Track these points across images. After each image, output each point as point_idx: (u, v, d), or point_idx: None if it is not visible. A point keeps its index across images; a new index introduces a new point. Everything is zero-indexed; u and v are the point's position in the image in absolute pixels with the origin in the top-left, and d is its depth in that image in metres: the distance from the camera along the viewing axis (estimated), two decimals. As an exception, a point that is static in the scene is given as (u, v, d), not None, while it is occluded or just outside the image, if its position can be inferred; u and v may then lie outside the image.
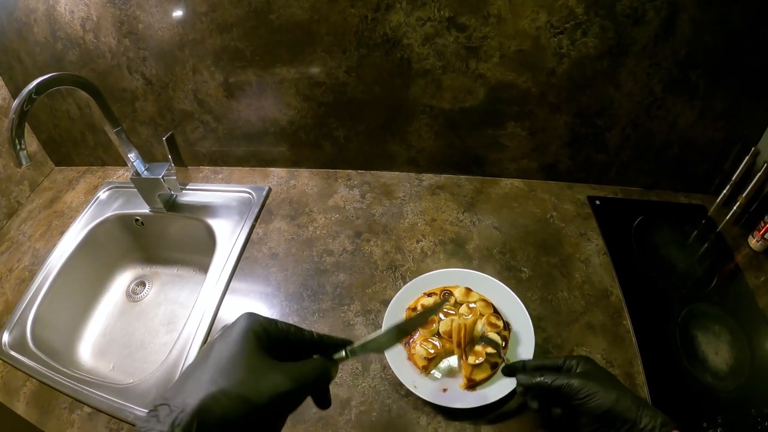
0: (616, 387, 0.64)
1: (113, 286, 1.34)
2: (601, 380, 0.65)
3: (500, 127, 1.13)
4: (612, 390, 0.63)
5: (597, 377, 0.66)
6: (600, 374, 0.67)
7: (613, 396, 0.62)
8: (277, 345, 0.47)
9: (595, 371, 0.68)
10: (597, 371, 0.68)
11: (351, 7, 0.99)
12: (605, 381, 0.65)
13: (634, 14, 0.90)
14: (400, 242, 1.11)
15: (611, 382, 0.66)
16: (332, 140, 1.26)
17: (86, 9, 1.12)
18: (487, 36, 0.98)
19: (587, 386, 0.63)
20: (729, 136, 1.06)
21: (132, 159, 1.15)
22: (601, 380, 0.65)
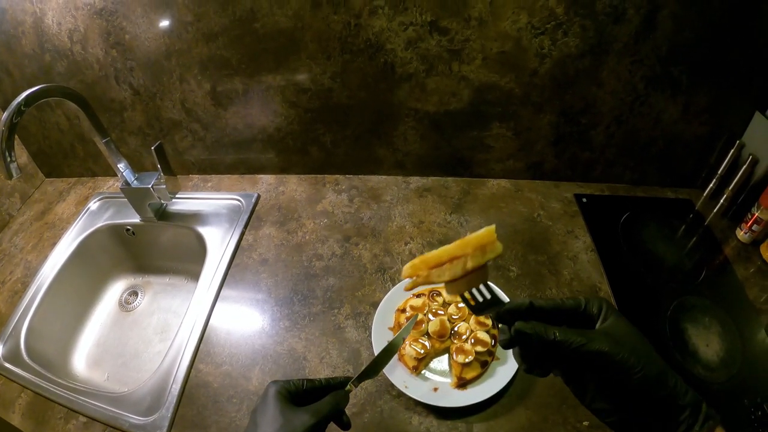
0: (653, 353, 0.49)
1: (106, 296, 1.34)
2: (633, 341, 0.49)
3: (485, 128, 1.14)
4: (654, 359, 0.48)
5: (628, 336, 0.49)
6: (629, 331, 0.50)
7: (656, 368, 0.47)
8: (297, 396, 0.62)
9: (623, 326, 0.50)
10: (625, 326, 0.50)
11: (334, 13, 1.00)
12: (639, 342, 0.49)
13: (614, 12, 0.92)
14: (389, 245, 1.12)
15: (644, 343, 0.49)
16: (319, 146, 1.27)
17: (73, 21, 1.12)
18: (469, 39, 0.99)
19: (622, 353, 0.46)
20: (713, 129, 1.07)
21: (121, 169, 1.15)
22: (634, 341, 0.49)
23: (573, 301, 0.52)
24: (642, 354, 0.47)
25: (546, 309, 0.52)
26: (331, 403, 0.61)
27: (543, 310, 0.52)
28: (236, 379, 0.93)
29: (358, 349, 0.94)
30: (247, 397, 0.90)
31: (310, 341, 0.96)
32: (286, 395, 0.61)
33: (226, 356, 0.97)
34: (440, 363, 0.89)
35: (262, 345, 0.97)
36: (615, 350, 0.46)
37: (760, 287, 0.96)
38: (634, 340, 0.49)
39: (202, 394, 0.91)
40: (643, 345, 0.49)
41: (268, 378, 0.92)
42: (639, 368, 0.46)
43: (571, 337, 0.48)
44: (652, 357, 0.48)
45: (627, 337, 0.49)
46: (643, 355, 0.47)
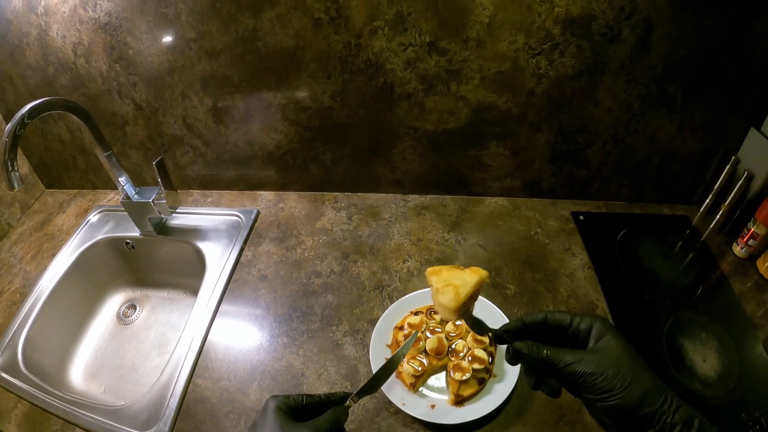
0: (642, 374, 0.50)
1: (104, 309, 1.34)
2: (621, 363, 0.50)
3: (483, 147, 1.15)
4: (640, 381, 0.49)
5: (617, 358, 0.50)
6: (619, 353, 0.51)
7: (639, 390, 0.48)
8: (297, 411, 0.62)
9: (614, 347, 0.51)
10: (616, 348, 0.51)
11: (335, 33, 1.01)
12: (627, 365, 0.50)
13: (609, 33, 0.93)
14: (387, 262, 1.13)
15: (632, 366, 0.50)
16: (319, 163, 1.28)
17: (78, 34, 1.13)
18: (467, 59, 1.00)
19: (605, 374, 0.49)
20: (709, 146, 1.08)
21: (122, 183, 1.16)
22: (621, 363, 0.50)
23: (560, 316, 0.57)
24: (627, 377, 0.49)
25: (538, 325, 0.57)
26: (330, 419, 0.61)
27: (541, 327, 0.57)
28: (234, 395, 0.93)
29: (356, 366, 0.94)
30: (244, 412, 0.90)
31: (308, 358, 0.97)
32: (286, 410, 0.61)
33: (224, 371, 0.97)
34: (438, 380, 0.89)
35: (260, 361, 0.98)
36: (599, 371, 0.50)
37: (757, 302, 0.97)
38: (622, 363, 0.50)
39: (200, 409, 0.91)
40: (630, 368, 0.50)
41: (266, 394, 0.92)
42: (619, 392, 0.48)
43: (559, 356, 0.53)
44: (639, 379, 0.49)
45: (615, 359, 0.51)
46: (627, 378, 0.49)
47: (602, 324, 0.54)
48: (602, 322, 0.54)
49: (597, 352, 0.52)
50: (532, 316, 0.58)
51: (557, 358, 0.53)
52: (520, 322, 0.58)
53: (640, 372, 0.50)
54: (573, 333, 0.56)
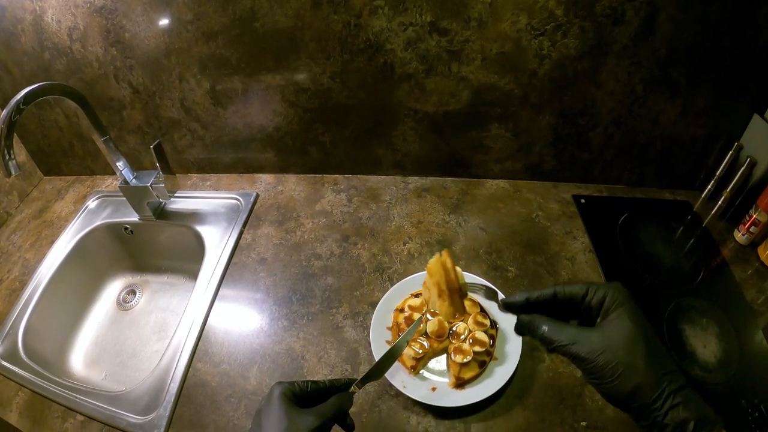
0: (643, 365, 0.48)
1: (104, 295, 1.34)
2: (621, 349, 0.48)
3: (484, 129, 1.14)
4: (637, 372, 0.47)
5: (618, 342, 0.49)
6: (623, 336, 0.49)
7: (632, 382, 0.47)
8: (302, 397, 0.62)
9: (620, 328, 0.50)
10: (622, 329, 0.50)
11: (334, 13, 1.00)
12: (627, 351, 0.48)
13: (613, 14, 0.92)
14: (387, 245, 1.12)
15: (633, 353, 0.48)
16: (318, 145, 1.27)
17: (73, 19, 1.12)
18: (468, 39, 0.99)
19: (597, 361, 0.48)
20: (712, 132, 1.07)
21: (120, 167, 1.15)
22: (622, 349, 0.48)
23: (572, 290, 0.56)
24: (619, 367, 0.48)
25: (545, 300, 0.58)
26: (335, 405, 0.61)
27: (552, 300, 0.58)
28: (234, 379, 0.93)
29: (357, 348, 0.94)
30: (245, 396, 0.90)
31: (309, 341, 0.96)
32: (291, 397, 0.61)
33: (224, 355, 0.97)
34: (438, 363, 0.88)
35: (260, 344, 0.97)
36: (590, 357, 0.50)
37: (758, 288, 0.96)
38: (618, 350, 0.49)
39: (200, 394, 0.91)
40: (626, 356, 0.48)
41: (266, 377, 0.92)
42: (608, 381, 0.48)
43: (555, 335, 0.54)
44: (632, 371, 0.48)
45: (612, 345, 0.50)
46: (619, 369, 0.48)
47: (612, 299, 0.52)
48: (613, 297, 0.52)
49: (597, 333, 0.51)
50: (539, 292, 0.58)
51: (552, 337, 0.54)
52: (524, 299, 0.59)
53: (637, 363, 0.48)
54: (586, 307, 0.54)
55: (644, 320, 0.51)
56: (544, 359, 0.88)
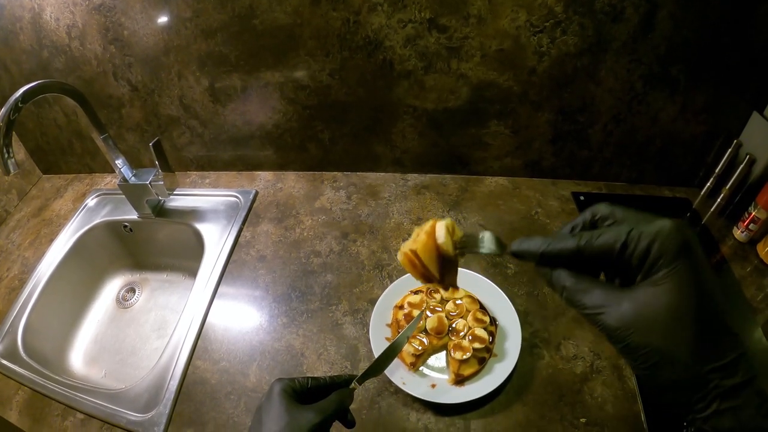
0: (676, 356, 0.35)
1: (103, 293, 1.34)
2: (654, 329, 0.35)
3: (483, 125, 1.14)
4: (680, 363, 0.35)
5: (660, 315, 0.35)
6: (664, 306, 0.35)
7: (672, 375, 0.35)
8: (302, 394, 0.62)
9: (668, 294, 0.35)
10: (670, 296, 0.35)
11: (333, 10, 1.00)
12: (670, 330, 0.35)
13: (613, 11, 0.92)
14: (387, 242, 1.12)
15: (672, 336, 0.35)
16: (317, 143, 1.27)
17: (72, 16, 1.12)
18: (467, 36, 0.99)
19: (628, 340, 0.36)
20: (711, 129, 1.07)
21: (119, 165, 1.15)
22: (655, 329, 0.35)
23: (606, 240, 0.38)
24: (654, 355, 0.35)
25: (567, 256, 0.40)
26: (336, 402, 0.61)
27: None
28: (234, 376, 0.93)
29: (356, 345, 0.94)
30: (244, 393, 0.90)
31: (308, 338, 0.96)
32: (291, 393, 0.61)
33: (223, 353, 0.97)
34: (438, 360, 0.89)
35: (259, 341, 0.97)
36: (619, 334, 0.36)
37: (757, 286, 0.96)
38: (662, 331, 0.35)
39: (200, 391, 0.91)
40: (670, 340, 0.35)
41: (266, 374, 0.92)
42: (643, 366, 0.36)
43: (577, 297, 0.40)
44: (669, 362, 0.35)
45: (653, 322, 0.36)
46: (654, 357, 0.35)
47: (660, 251, 0.35)
48: (662, 248, 0.35)
49: (631, 301, 0.36)
50: (560, 246, 0.41)
51: (573, 298, 0.40)
52: (537, 252, 0.42)
53: (678, 353, 0.35)
54: (627, 258, 0.37)
55: (701, 287, 0.35)
56: (543, 356, 0.88)
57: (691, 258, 0.35)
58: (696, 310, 0.35)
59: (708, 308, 0.35)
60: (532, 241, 0.43)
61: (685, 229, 0.36)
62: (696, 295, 0.35)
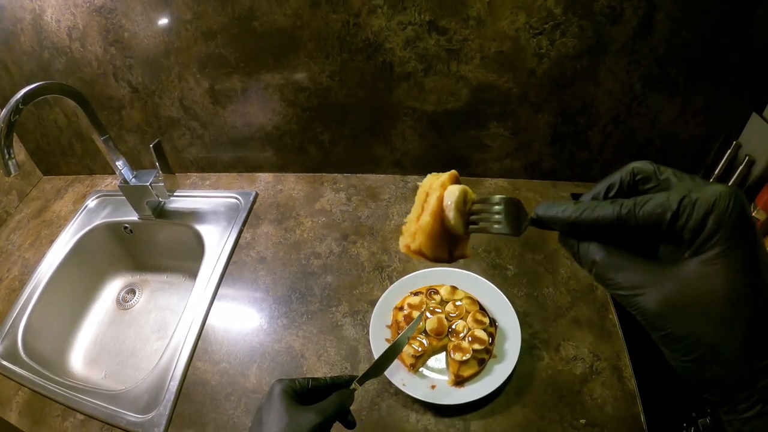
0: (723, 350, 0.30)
1: (103, 294, 1.34)
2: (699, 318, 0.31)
3: (483, 127, 1.14)
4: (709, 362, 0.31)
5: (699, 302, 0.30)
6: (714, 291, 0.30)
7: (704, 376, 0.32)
8: (302, 395, 0.62)
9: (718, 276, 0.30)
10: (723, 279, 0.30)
11: (333, 12, 1.00)
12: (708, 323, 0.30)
13: (612, 13, 0.92)
14: (386, 243, 1.12)
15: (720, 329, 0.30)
16: (317, 144, 1.27)
17: (72, 18, 1.12)
18: (467, 38, 0.99)
19: (665, 331, 0.32)
20: (710, 130, 1.07)
21: (120, 167, 1.15)
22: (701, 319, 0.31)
23: (650, 211, 0.32)
24: (703, 346, 0.31)
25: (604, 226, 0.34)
26: (336, 402, 0.61)
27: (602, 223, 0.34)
28: (234, 377, 0.93)
29: (356, 347, 0.94)
30: (244, 394, 0.90)
31: (308, 339, 0.97)
32: (292, 394, 0.61)
33: (223, 354, 0.97)
34: (438, 361, 0.89)
35: (259, 343, 0.97)
36: (657, 322, 0.32)
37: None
38: (711, 320, 0.30)
39: (200, 392, 0.91)
40: (719, 332, 0.30)
41: (266, 376, 0.92)
42: (684, 358, 0.32)
43: (610, 275, 0.34)
44: (720, 357, 0.31)
45: (701, 308, 0.31)
46: (697, 351, 0.31)
47: (716, 223, 0.30)
48: (718, 220, 0.30)
49: (676, 282, 0.31)
50: (597, 213, 0.34)
51: (605, 275, 0.34)
52: (568, 219, 0.36)
53: (728, 347, 0.30)
54: (678, 231, 0.31)
55: (763, 272, 0.30)
56: (543, 357, 0.88)
57: (749, 236, 0.30)
58: (753, 298, 0.30)
59: (765, 295, 0.30)
60: (561, 206, 0.36)
61: (743, 199, 0.30)
62: (755, 282, 0.30)
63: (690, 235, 0.31)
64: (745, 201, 0.30)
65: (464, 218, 0.43)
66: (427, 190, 0.46)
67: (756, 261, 0.30)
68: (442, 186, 0.45)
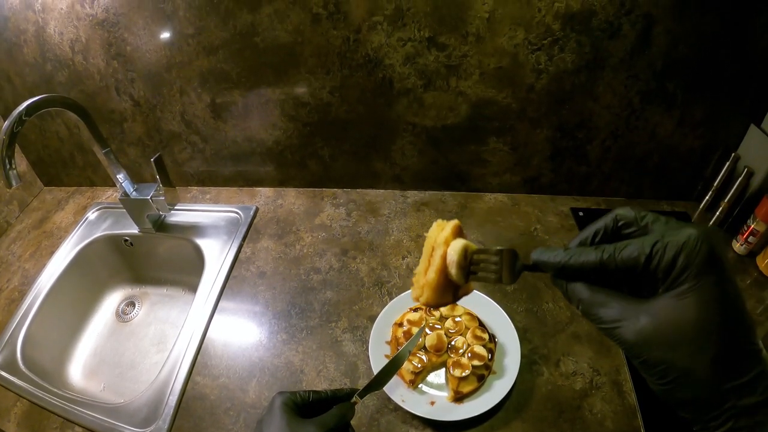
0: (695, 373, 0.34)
1: (103, 307, 1.34)
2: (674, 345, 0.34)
3: (482, 142, 1.15)
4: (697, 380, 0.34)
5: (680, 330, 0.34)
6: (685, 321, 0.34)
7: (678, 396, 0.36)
8: (303, 407, 0.62)
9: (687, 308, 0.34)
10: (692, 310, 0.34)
11: (333, 29, 1.01)
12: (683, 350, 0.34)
13: (609, 28, 0.93)
14: (386, 259, 1.13)
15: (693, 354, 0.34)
16: (318, 159, 1.28)
17: (75, 31, 1.13)
18: (466, 54, 1.00)
19: (646, 356, 0.35)
20: (709, 143, 1.08)
21: (121, 180, 1.16)
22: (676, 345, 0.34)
23: (631, 253, 0.36)
24: (676, 370, 0.34)
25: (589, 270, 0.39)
26: (337, 416, 0.61)
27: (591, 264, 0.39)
28: (233, 392, 0.93)
29: (356, 362, 0.94)
30: (243, 409, 0.90)
31: (308, 354, 0.96)
32: (293, 407, 0.61)
33: (223, 368, 0.97)
34: (437, 377, 0.89)
35: (259, 358, 0.97)
36: (637, 350, 0.36)
37: (757, 299, 0.96)
38: (683, 347, 0.34)
39: (199, 407, 0.91)
40: (691, 357, 0.34)
41: (265, 391, 0.92)
42: (660, 381, 0.36)
43: (594, 311, 0.38)
44: (692, 380, 0.34)
45: (673, 337, 0.34)
46: (672, 374, 0.35)
47: (685, 262, 0.34)
48: (687, 260, 0.34)
49: (651, 315, 0.35)
50: (582, 258, 0.39)
51: (590, 311, 0.39)
52: (559, 263, 0.40)
53: (698, 371, 0.34)
54: (653, 271, 0.36)
55: (725, 303, 0.34)
56: (542, 372, 0.88)
57: (717, 271, 0.34)
58: (719, 327, 0.34)
59: (732, 325, 0.34)
60: (552, 252, 0.41)
61: (713, 238, 0.34)
62: (721, 312, 0.34)
63: (662, 273, 0.35)
64: (715, 240, 0.34)
65: (465, 271, 0.49)
66: (432, 243, 0.52)
67: (724, 293, 0.34)
68: (446, 243, 0.50)
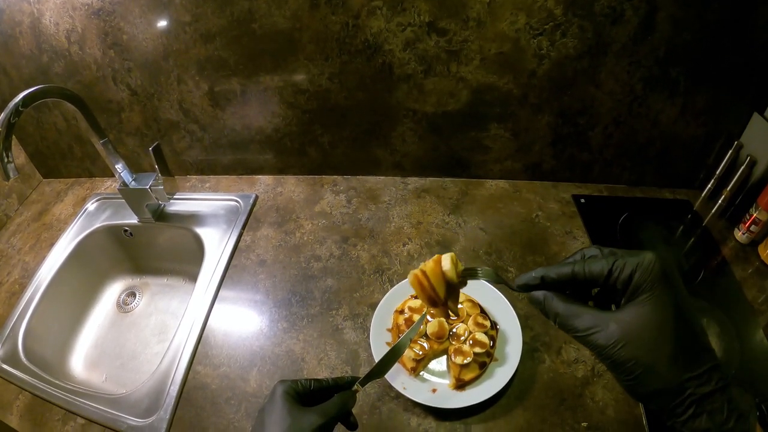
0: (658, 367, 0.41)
1: (103, 298, 1.34)
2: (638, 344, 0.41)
3: (483, 129, 1.14)
4: (660, 374, 0.41)
5: (642, 332, 0.41)
6: (651, 324, 0.41)
7: (655, 385, 0.41)
8: (304, 396, 0.62)
9: (646, 314, 0.41)
10: (648, 314, 0.41)
11: (332, 14, 1.00)
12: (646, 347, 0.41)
13: (612, 14, 0.92)
14: (387, 246, 1.12)
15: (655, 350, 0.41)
16: (317, 147, 1.27)
17: (71, 21, 1.12)
18: (467, 39, 0.99)
19: (615, 356, 0.42)
20: (711, 131, 1.07)
21: (119, 170, 1.15)
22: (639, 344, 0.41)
23: (595, 268, 0.44)
24: (638, 367, 0.41)
25: (564, 280, 0.46)
26: (338, 404, 0.61)
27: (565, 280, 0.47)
28: (234, 381, 0.92)
29: (357, 350, 0.94)
30: (245, 398, 0.90)
31: (309, 342, 0.96)
32: (294, 395, 0.61)
33: (224, 358, 0.96)
34: (439, 364, 0.89)
35: (260, 346, 0.97)
36: (608, 352, 0.42)
37: (758, 288, 0.96)
38: (645, 346, 0.41)
39: (200, 396, 0.91)
40: (651, 354, 0.41)
41: (266, 380, 0.92)
42: (628, 378, 0.42)
43: (569, 322, 0.45)
44: (654, 373, 0.41)
45: (636, 338, 0.41)
46: (638, 369, 0.41)
47: (641, 278, 0.42)
48: (642, 276, 0.42)
49: (617, 321, 0.42)
50: (556, 271, 0.47)
51: (566, 323, 0.45)
52: (538, 278, 0.47)
53: (659, 365, 0.41)
54: (612, 285, 0.44)
55: (678, 308, 0.41)
56: (544, 360, 0.87)
57: (668, 283, 0.42)
58: (674, 328, 0.41)
59: (684, 326, 0.42)
60: (532, 271, 0.48)
61: (664, 260, 0.43)
62: (673, 315, 0.41)
63: (621, 286, 0.43)
64: (667, 262, 0.43)
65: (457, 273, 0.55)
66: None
67: (675, 301, 0.41)
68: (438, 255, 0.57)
